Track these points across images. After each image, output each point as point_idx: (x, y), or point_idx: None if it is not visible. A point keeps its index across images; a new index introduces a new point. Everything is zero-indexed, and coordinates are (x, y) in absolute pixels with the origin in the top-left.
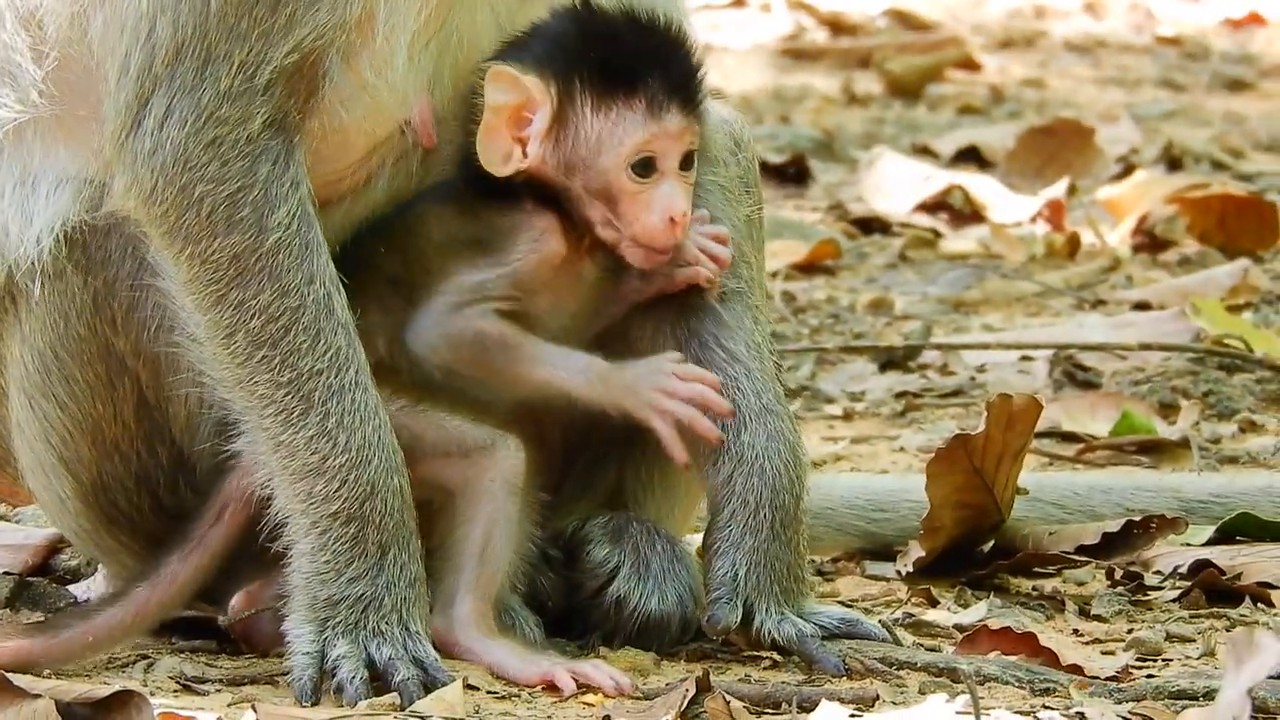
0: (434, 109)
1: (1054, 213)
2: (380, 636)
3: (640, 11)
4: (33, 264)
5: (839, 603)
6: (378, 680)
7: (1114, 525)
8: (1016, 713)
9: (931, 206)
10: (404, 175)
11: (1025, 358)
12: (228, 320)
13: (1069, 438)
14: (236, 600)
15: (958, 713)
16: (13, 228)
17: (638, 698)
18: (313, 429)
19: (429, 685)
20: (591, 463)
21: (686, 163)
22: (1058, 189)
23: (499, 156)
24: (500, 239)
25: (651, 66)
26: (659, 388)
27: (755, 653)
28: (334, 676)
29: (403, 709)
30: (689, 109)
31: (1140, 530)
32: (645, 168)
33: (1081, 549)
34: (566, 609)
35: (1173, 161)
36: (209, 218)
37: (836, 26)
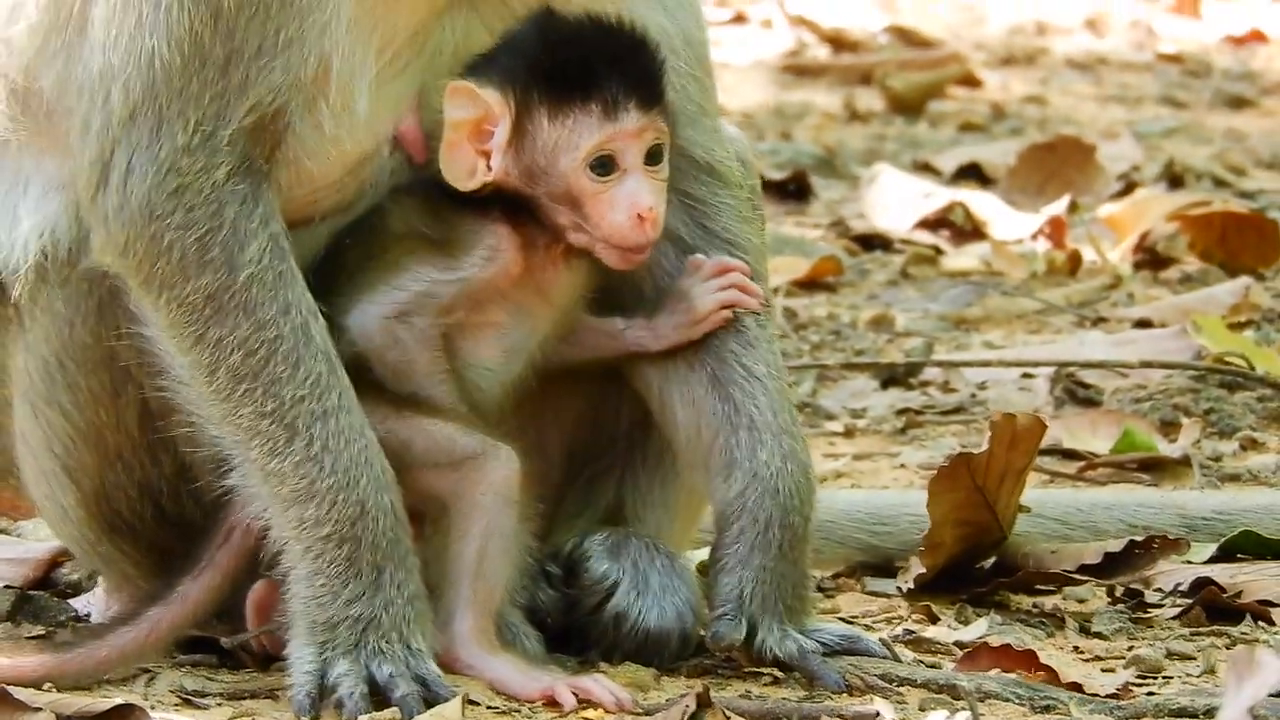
0: (425, 124)
1: (1055, 230)
2: (381, 655)
3: (600, 14)
4: (34, 270)
5: (840, 619)
6: (379, 697)
7: (1116, 545)
8: None
9: (933, 223)
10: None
11: (1026, 375)
12: (208, 359)
13: (1070, 455)
14: (258, 588)
15: None
16: (1, 231)
17: (638, 713)
18: (299, 455)
19: (430, 701)
20: (592, 478)
21: (653, 157)
22: (1059, 206)
23: (463, 172)
24: (457, 243)
25: (606, 68)
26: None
27: (756, 669)
28: (334, 693)
29: None
30: (648, 107)
31: (1142, 550)
32: (604, 167)
33: (1083, 568)
34: (566, 625)
35: (1174, 179)
36: (180, 262)
37: (838, 43)
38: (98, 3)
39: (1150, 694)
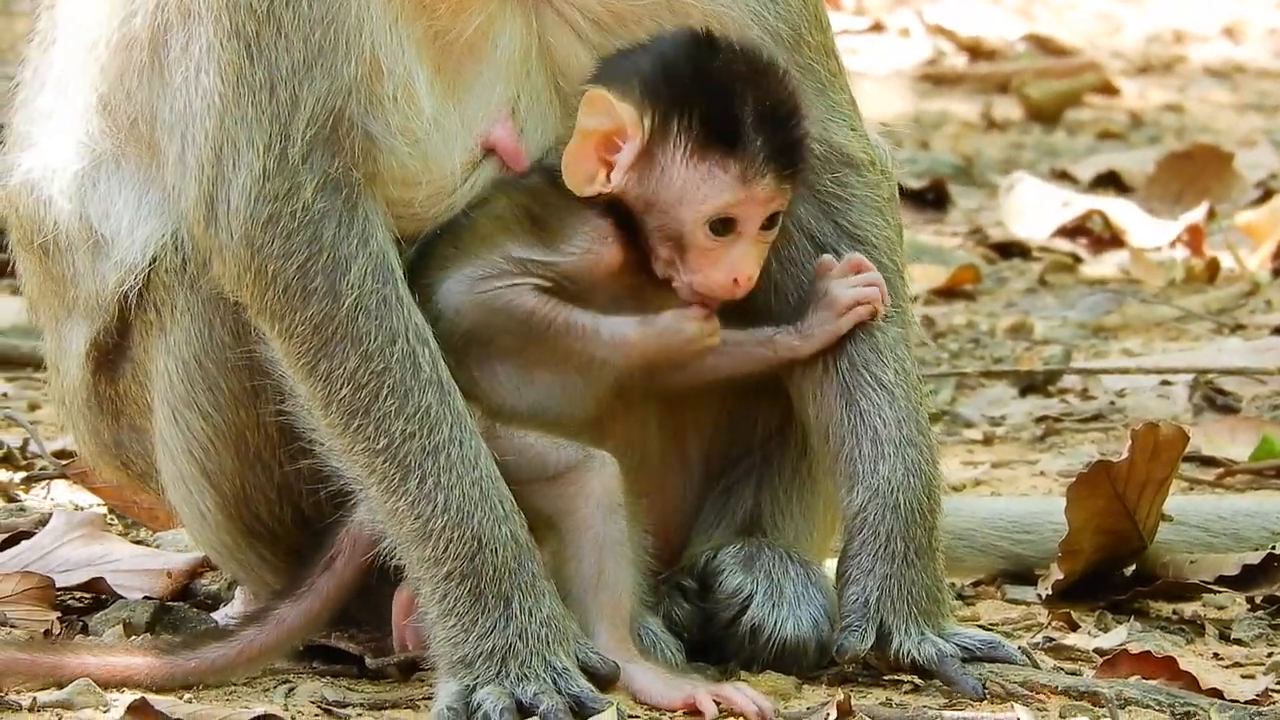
0: (523, 133)
1: (1193, 237)
2: (525, 680)
3: (755, 55)
4: (167, 270)
5: (979, 626)
6: (528, 715)
7: (1255, 557)
8: None
9: (1071, 231)
10: None
11: (1165, 382)
12: (321, 392)
13: (1208, 462)
14: (402, 595)
15: None
16: (124, 228)
17: None
18: (412, 494)
19: (583, 715)
20: (729, 486)
21: (770, 222)
22: (1197, 214)
23: (583, 178)
24: (559, 226)
25: (756, 129)
26: (691, 334)
27: (896, 676)
28: (479, 709)
29: None
30: (784, 176)
31: None
32: (723, 227)
33: (1221, 579)
34: (704, 638)
35: None
36: (285, 293)
37: (975, 52)
38: (170, 47)
39: None
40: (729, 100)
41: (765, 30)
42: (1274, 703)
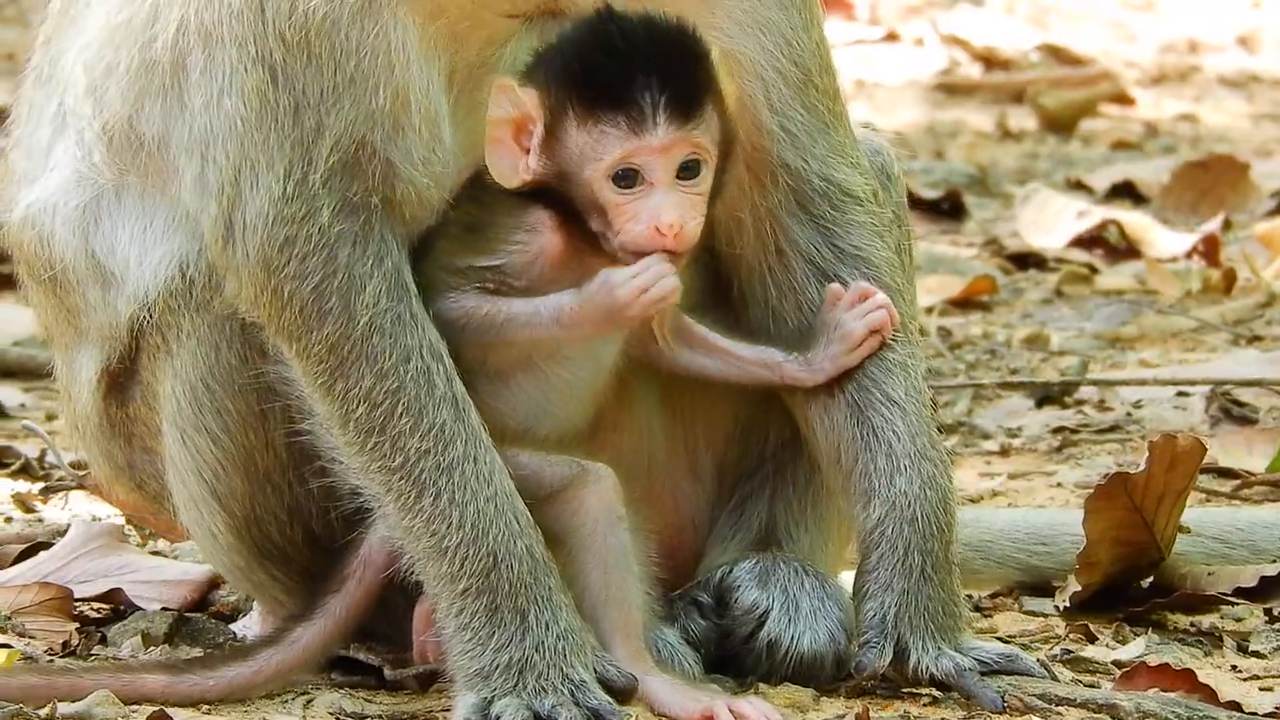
0: None
1: (1209, 248)
2: (542, 692)
3: (658, 20)
4: (173, 296)
5: (997, 639)
6: None
7: (1272, 569)
8: None
9: (1087, 242)
10: None
11: (1182, 393)
12: (339, 411)
13: (1226, 474)
14: (424, 607)
15: None
16: (133, 261)
17: None
18: (427, 511)
19: None
20: (744, 499)
21: (688, 171)
22: (1213, 224)
23: (507, 169)
24: (497, 228)
25: (639, 78)
26: (626, 290)
27: (914, 689)
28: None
29: None
30: (682, 121)
31: None
32: (629, 179)
33: (1239, 591)
34: (721, 654)
35: None
36: (301, 313)
37: (990, 61)
38: (190, 70)
39: None
40: (612, 60)
41: (777, 70)
42: None
